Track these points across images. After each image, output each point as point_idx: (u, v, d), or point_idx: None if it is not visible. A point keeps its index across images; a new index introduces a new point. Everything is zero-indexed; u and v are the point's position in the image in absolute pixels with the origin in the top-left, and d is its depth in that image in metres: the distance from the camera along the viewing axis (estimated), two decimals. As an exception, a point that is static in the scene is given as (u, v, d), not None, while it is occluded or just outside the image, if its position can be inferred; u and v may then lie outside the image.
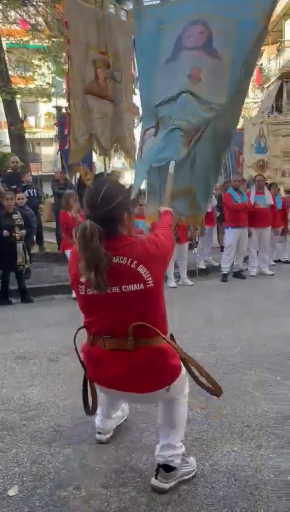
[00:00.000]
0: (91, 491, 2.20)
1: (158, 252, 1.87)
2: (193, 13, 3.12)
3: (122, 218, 1.86)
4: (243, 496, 2.13)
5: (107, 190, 1.84)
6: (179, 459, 2.19)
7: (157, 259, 1.86)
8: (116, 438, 2.65)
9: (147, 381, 1.98)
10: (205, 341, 4.35)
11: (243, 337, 4.43)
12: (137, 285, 1.82)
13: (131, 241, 1.87)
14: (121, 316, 1.89)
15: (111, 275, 1.80)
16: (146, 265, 1.82)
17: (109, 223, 1.81)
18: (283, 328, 4.65)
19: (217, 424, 2.79)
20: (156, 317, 1.94)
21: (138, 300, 1.85)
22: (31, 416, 2.97)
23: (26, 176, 8.81)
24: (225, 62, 2.95)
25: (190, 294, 6.53)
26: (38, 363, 3.83)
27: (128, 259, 1.81)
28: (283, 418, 2.83)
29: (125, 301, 1.85)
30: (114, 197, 1.84)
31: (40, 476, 2.33)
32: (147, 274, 1.82)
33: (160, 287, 1.90)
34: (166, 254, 1.94)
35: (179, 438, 2.20)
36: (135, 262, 1.81)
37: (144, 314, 1.89)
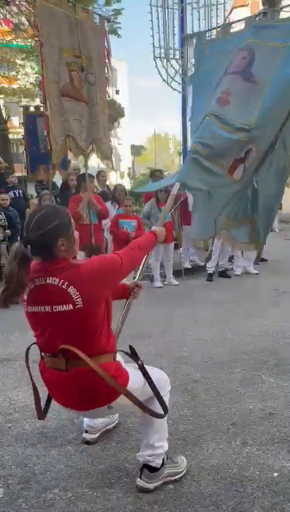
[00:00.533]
0: (77, 492, 2.19)
1: (94, 274, 1.89)
2: (243, 41, 3.13)
3: (56, 243, 1.88)
4: (229, 493, 2.15)
5: (41, 215, 1.90)
6: (159, 459, 2.19)
7: (92, 281, 1.87)
8: (103, 438, 2.65)
9: (82, 401, 2.02)
10: (191, 340, 4.37)
11: (229, 336, 4.47)
12: (66, 305, 1.85)
13: (67, 263, 1.91)
14: (53, 335, 1.94)
15: (44, 294, 1.87)
16: (76, 287, 1.85)
17: (40, 246, 1.88)
18: (267, 326, 4.70)
19: (203, 422, 2.81)
20: (89, 338, 1.94)
21: (67, 320, 1.89)
22: (16, 418, 2.95)
23: (11, 177, 8.73)
24: (259, 85, 2.92)
25: (175, 294, 6.55)
26: (23, 365, 3.78)
27: (60, 280, 1.86)
28: (267, 415, 2.86)
29: (56, 321, 1.90)
30: (47, 223, 1.87)
31: (26, 478, 2.32)
32: (77, 295, 1.85)
33: (94, 308, 1.90)
34: (107, 274, 1.94)
35: (158, 437, 2.19)
36: (66, 283, 1.85)
37: (74, 335, 1.91)
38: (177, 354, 4.02)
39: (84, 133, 5.14)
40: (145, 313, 5.50)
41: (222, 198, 3.05)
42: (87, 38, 5.05)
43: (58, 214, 1.94)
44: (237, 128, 2.84)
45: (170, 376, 3.48)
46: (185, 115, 10.83)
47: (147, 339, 4.45)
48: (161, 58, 9.82)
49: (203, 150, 2.86)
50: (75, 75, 4.96)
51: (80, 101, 5.06)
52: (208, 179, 2.89)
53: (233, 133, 2.84)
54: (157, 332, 4.65)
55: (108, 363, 1.98)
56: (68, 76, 4.93)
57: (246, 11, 26.13)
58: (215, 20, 9.77)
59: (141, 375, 2.08)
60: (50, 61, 4.75)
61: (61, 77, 4.85)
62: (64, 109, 4.90)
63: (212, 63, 3.28)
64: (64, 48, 4.83)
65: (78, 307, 1.85)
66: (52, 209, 1.99)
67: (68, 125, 4.94)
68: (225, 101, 2.94)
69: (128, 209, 6.30)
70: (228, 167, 2.91)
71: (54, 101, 4.80)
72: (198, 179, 2.88)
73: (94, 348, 1.94)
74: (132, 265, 2.12)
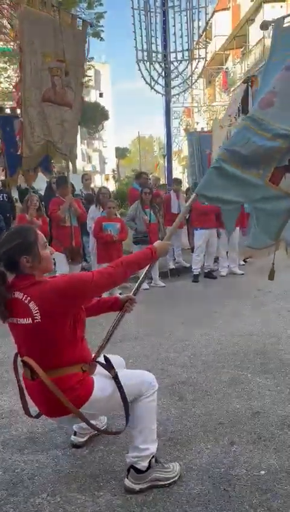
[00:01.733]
0: (66, 496, 2.18)
1: (57, 292, 1.97)
2: None
3: (20, 260, 2.00)
4: (216, 492, 2.16)
5: (7, 234, 2.08)
6: (145, 461, 2.19)
7: (54, 298, 1.96)
8: (91, 441, 2.65)
9: (49, 409, 2.11)
10: (177, 341, 4.39)
11: (215, 336, 4.50)
12: (26, 319, 1.97)
13: (33, 280, 2.02)
14: (20, 345, 2.10)
15: (13, 307, 2.01)
16: (36, 302, 1.95)
17: (6, 263, 2.03)
18: (253, 326, 4.75)
19: (191, 423, 2.83)
20: (48, 351, 2.02)
21: (27, 333, 2.01)
22: (3, 424, 2.92)
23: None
24: None
25: (162, 296, 6.57)
26: (10, 370, 3.76)
27: (24, 295, 1.98)
28: (254, 414, 2.89)
29: (20, 333, 2.04)
30: (10, 241, 2.02)
31: (14, 483, 2.30)
32: (36, 310, 1.95)
33: (53, 324, 1.98)
34: (72, 293, 1.99)
35: (142, 440, 2.20)
36: (28, 298, 1.97)
37: (32, 347, 2.03)
38: (164, 355, 4.03)
39: (65, 137, 5.14)
40: (132, 315, 5.48)
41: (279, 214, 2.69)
42: (69, 43, 5.05)
43: (22, 233, 2.06)
44: (276, 134, 2.52)
45: (158, 377, 3.49)
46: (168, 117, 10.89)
47: (134, 340, 4.45)
48: (144, 61, 9.86)
49: (231, 157, 2.60)
50: (57, 80, 4.96)
51: (62, 106, 5.06)
52: (240, 190, 2.62)
53: (271, 139, 2.53)
54: (144, 334, 4.66)
55: (69, 375, 2.04)
56: (50, 81, 4.93)
57: (228, 14, 26.42)
58: (197, 24, 9.86)
59: (113, 384, 2.12)
60: (32, 66, 4.73)
61: (43, 83, 4.84)
62: (45, 114, 4.89)
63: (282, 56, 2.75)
64: (47, 52, 4.82)
65: (37, 321, 1.95)
66: (18, 229, 2.17)
67: (48, 130, 4.93)
68: (269, 102, 2.62)
69: (111, 211, 6.29)
70: (267, 177, 2.61)
71: (34, 107, 4.78)
72: (222, 189, 2.62)
73: (53, 361, 2.02)
74: (109, 283, 2.13)
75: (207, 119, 23.82)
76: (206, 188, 2.67)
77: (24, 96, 4.71)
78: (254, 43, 20.97)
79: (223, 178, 2.62)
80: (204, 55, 10.59)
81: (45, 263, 2.08)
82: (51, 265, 2.15)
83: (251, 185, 2.62)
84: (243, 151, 2.57)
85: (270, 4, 19.75)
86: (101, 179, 46.17)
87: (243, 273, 7.66)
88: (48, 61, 4.85)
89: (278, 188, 2.62)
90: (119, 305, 2.50)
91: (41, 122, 4.89)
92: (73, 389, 2.02)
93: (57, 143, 5.05)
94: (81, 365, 2.09)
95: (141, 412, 2.19)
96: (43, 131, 4.89)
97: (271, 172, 2.61)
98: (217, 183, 2.63)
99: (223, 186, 2.63)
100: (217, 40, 26.35)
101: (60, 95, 5.01)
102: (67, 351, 2.05)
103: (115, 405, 2.16)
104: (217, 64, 26.77)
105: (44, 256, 2.07)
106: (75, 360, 2.08)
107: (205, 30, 12.17)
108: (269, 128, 2.56)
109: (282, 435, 2.63)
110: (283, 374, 3.48)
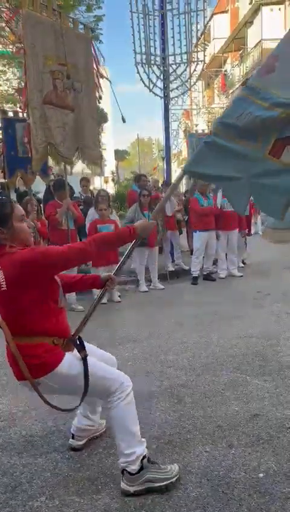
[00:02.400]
0: (65, 499, 2.18)
1: (23, 262, 2.05)
2: None
3: None
4: (215, 495, 2.16)
5: None
6: (134, 464, 2.19)
7: (20, 268, 2.05)
8: (89, 444, 2.64)
9: (16, 371, 2.19)
10: (176, 344, 4.39)
11: (214, 338, 4.50)
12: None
13: (6, 250, 2.11)
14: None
15: None
16: (4, 271, 2.06)
17: None
18: (252, 328, 4.75)
19: (190, 425, 2.82)
20: (17, 318, 2.13)
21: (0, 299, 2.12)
22: (2, 427, 2.92)
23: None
24: None
25: (161, 298, 6.57)
26: (9, 373, 3.75)
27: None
28: (252, 417, 2.89)
29: None
30: None
31: (12, 487, 2.30)
32: (2, 278, 2.05)
33: (18, 292, 2.08)
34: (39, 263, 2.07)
35: (125, 445, 2.21)
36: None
37: (4, 313, 2.15)
38: (163, 358, 4.03)
39: (67, 141, 5.16)
40: (131, 317, 5.50)
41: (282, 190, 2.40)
42: (72, 46, 5.08)
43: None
44: (275, 103, 2.29)
45: (156, 380, 3.52)
46: (167, 119, 10.91)
47: (133, 342, 4.45)
48: (143, 64, 9.89)
49: (225, 130, 2.40)
50: (59, 83, 4.99)
51: (63, 109, 5.08)
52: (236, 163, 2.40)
53: (269, 109, 2.30)
54: (143, 336, 4.66)
55: (37, 344, 2.13)
56: (52, 84, 4.95)
57: (226, 17, 26.50)
58: (196, 26, 9.89)
59: (82, 367, 2.18)
60: (34, 69, 4.77)
61: (44, 85, 4.87)
62: (46, 117, 4.92)
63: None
64: (48, 56, 4.86)
65: (3, 289, 2.06)
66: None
67: (50, 133, 4.96)
68: (269, 68, 2.38)
69: (103, 213, 6.29)
70: (267, 149, 2.35)
71: (37, 109, 4.82)
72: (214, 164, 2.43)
73: (24, 328, 2.13)
74: (79, 258, 2.22)
75: (206, 122, 23.87)
76: (195, 164, 2.50)
77: (28, 99, 4.74)
78: (253, 46, 21.04)
79: (215, 152, 2.43)
80: (203, 58, 10.63)
81: (22, 235, 2.17)
82: (28, 237, 2.24)
83: (248, 157, 2.38)
84: (238, 123, 2.37)
85: (268, 7, 19.83)
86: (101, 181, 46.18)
87: (242, 275, 7.67)
88: (50, 64, 4.89)
89: (279, 161, 2.35)
90: (101, 283, 2.52)
91: (43, 125, 4.92)
92: (39, 357, 2.11)
93: (58, 146, 5.07)
94: (53, 338, 2.17)
95: (118, 419, 2.21)
96: (44, 133, 4.92)
97: (271, 144, 2.36)
98: (208, 158, 2.45)
99: (214, 161, 2.43)
100: (215, 42, 26.43)
101: (61, 98, 5.04)
102: (38, 322, 2.13)
103: (76, 389, 2.19)
104: (215, 66, 26.85)
105: (19, 228, 2.16)
106: (47, 331, 2.16)
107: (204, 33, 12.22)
108: (267, 97, 2.33)
109: (281, 438, 2.63)
110: (281, 377, 3.48)
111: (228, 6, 26.05)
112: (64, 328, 2.26)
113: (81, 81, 5.24)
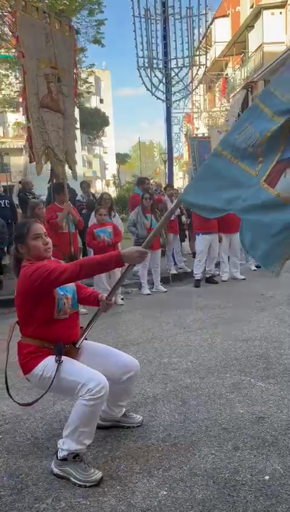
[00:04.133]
0: (70, 502, 2.18)
1: (25, 276, 2.38)
2: None
3: (17, 247, 2.51)
4: (221, 498, 2.16)
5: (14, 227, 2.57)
6: (62, 453, 2.35)
7: (22, 281, 2.41)
8: (95, 447, 2.65)
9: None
10: (180, 346, 4.39)
11: (217, 341, 4.50)
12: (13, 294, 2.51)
13: (24, 264, 2.46)
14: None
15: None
16: (18, 282, 2.46)
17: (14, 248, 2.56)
18: (255, 331, 4.75)
19: (195, 428, 2.82)
20: (21, 321, 2.52)
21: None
22: (7, 429, 2.92)
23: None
24: None
25: (164, 301, 6.58)
26: (13, 375, 3.76)
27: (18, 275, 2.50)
28: (257, 419, 2.89)
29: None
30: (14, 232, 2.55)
31: (18, 489, 2.30)
32: (16, 288, 2.46)
33: (20, 301, 2.46)
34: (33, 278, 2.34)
35: (66, 434, 2.35)
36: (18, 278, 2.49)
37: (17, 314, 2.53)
38: (167, 360, 4.03)
39: (61, 144, 5.19)
40: (134, 320, 5.51)
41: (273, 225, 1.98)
42: (60, 48, 5.10)
43: (18, 227, 2.61)
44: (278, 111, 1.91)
45: (160, 382, 3.52)
46: (169, 123, 10.95)
47: (136, 345, 4.46)
48: (145, 68, 9.93)
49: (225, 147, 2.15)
50: (52, 87, 5.01)
51: (57, 112, 5.11)
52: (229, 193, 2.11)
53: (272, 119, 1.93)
54: (146, 339, 4.66)
55: (26, 344, 2.47)
56: (47, 87, 4.97)
57: (227, 21, 26.61)
58: (197, 31, 9.94)
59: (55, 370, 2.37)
60: (29, 72, 4.78)
61: (40, 88, 4.89)
62: (43, 120, 4.94)
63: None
64: (41, 59, 4.88)
65: (14, 296, 2.48)
66: (18, 223, 2.68)
67: (48, 137, 4.98)
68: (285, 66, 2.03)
69: (102, 218, 6.28)
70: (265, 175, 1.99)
71: (34, 112, 4.83)
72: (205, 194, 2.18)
73: (26, 330, 2.49)
74: (66, 280, 2.33)
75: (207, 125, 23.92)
76: (189, 194, 2.35)
77: (28, 102, 4.76)
78: (254, 50, 21.10)
79: (210, 179, 2.22)
80: (204, 62, 10.68)
81: (35, 251, 2.47)
82: (41, 253, 2.48)
83: (241, 184, 2.07)
84: (239, 139, 2.07)
85: (269, 11, 19.90)
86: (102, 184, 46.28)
87: (244, 278, 7.67)
88: (43, 67, 4.90)
89: (274, 192, 1.97)
90: (96, 303, 2.71)
91: (41, 129, 4.93)
92: (24, 356, 2.46)
93: (55, 149, 5.09)
94: (43, 342, 2.45)
95: (75, 412, 2.33)
96: (42, 137, 4.93)
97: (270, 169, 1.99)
98: (202, 186, 2.24)
99: (207, 189, 2.20)
100: (217, 46, 26.53)
101: (56, 101, 5.07)
102: (32, 326, 2.45)
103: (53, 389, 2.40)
104: (217, 70, 26.93)
105: (32, 245, 2.47)
106: (37, 335, 2.45)
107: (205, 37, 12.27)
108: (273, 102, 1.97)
109: (286, 440, 2.63)
110: (286, 379, 3.48)
111: (229, 10, 26.16)
112: (61, 335, 2.47)
113: (67, 84, 5.27)
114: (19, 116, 18.08)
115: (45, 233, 2.54)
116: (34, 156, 4.82)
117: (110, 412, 2.80)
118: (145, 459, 2.51)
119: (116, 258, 2.33)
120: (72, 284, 2.58)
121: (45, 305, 2.42)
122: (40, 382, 2.44)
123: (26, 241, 2.47)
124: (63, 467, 2.35)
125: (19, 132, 25.20)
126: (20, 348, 2.48)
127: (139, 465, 2.45)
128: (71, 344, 2.54)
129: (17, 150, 26.07)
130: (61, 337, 2.47)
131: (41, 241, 2.48)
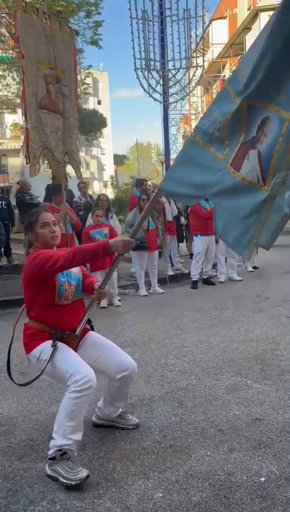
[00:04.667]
0: (66, 504, 2.17)
1: (29, 261, 2.51)
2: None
3: (28, 235, 2.65)
4: (217, 500, 2.16)
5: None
6: (51, 451, 2.36)
7: (26, 266, 2.53)
8: (90, 448, 2.64)
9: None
10: (176, 348, 4.39)
11: (214, 342, 4.50)
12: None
13: (33, 250, 2.57)
14: None
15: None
16: (24, 267, 2.57)
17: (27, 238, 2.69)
18: (252, 332, 4.75)
19: (191, 430, 2.82)
20: (27, 304, 2.63)
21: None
22: (2, 431, 2.91)
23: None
24: None
25: (161, 302, 6.57)
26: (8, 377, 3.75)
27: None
28: (253, 421, 2.88)
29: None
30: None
31: (13, 491, 2.29)
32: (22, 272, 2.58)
33: (25, 285, 2.58)
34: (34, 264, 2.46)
35: (55, 429, 2.37)
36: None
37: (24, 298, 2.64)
38: (164, 362, 4.02)
39: (60, 145, 5.18)
40: (131, 321, 5.50)
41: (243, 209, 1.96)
42: (60, 49, 5.10)
43: (29, 216, 2.69)
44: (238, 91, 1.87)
45: (157, 384, 3.51)
46: (166, 124, 10.96)
47: (133, 347, 4.45)
48: (142, 70, 9.94)
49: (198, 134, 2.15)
50: (52, 87, 5.01)
51: (56, 113, 5.11)
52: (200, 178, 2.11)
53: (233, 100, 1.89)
54: (143, 340, 4.66)
55: (30, 326, 2.59)
56: (46, 88, 4.97)
57: (225, 23, 26.66)
58: (195, 32, 9.95)
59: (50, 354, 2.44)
60: (29, 73, 4.79)
61: (39, 89, 4.90)
62: (42, 121, 4.94)
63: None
64: (40, 60, 4.88)
65: (22, 281, 2.59)
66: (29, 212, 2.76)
67: (46, 138, 4.97)
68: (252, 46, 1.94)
69: (98, 219, 6.28)
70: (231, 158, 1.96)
71: (33, 113, 4.83)
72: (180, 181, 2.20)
73: (31, 313, 2.61)
74: (61, 266, 2.42)
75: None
76: (167, 182, 2.41)
77: (27, 103, 4.76)
78: (251, 51, 21.13)
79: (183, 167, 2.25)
80: (201, 64, 10.69)
81: (42, 239, 2.60)
82: (48, 241, 2.60)
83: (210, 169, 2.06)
84: (207, 124, 2.06)
85: (266, 13, 19.94)
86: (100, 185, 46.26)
87: (241, 279, 7.67)
88: (42, 68, 4.91)
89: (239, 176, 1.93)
90: (92, 292, 2.76)
91: (39, 130, 4.93)
92: (27, 337, 2.58)
93: (53, 150, 5.08)
94: (44, 326, 2.55)
95: (61, 406, 2.37)
96: (41, 138, 4.93)
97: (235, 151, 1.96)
98: (177, 174, 2.29)
99: (181, 177, 2.23)
100: (214, 48, 26.59)
101: (54, 102, 5.07)
102: (35, 310, 2.57)
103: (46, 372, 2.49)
104: (214, 72, 26.99)
105: (40, 233, 2.59)
106: (40, 319, 2.57)
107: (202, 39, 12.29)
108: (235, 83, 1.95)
109: (282, 442, 2.63)
110: (282, 380, 3.48)
111: (226, 12, 26.23)
112: (61, 321, 2.56)
113: (68, 85, 5.27)
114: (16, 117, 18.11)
115: (54, 222, 2.66)
116: (29, 158, 4.81)
117: (105, 410, 2.81)
118: (141, 460, 2.50)
119: (103, 247, 2.43)
120: (79, 271, 2.72)
121: (47, 291, 2.52)
122: (37, 363, 2.54)
123: (34, 229, 2.60)
124: (53, 466, 2.36)
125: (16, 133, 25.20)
126: (25, 329, 2.61)
127: (135, 467, 2.45)
128: (72, 331, 2.60)
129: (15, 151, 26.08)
130: (63, 323, 2.56)
131: (48, 229, 2.60)
